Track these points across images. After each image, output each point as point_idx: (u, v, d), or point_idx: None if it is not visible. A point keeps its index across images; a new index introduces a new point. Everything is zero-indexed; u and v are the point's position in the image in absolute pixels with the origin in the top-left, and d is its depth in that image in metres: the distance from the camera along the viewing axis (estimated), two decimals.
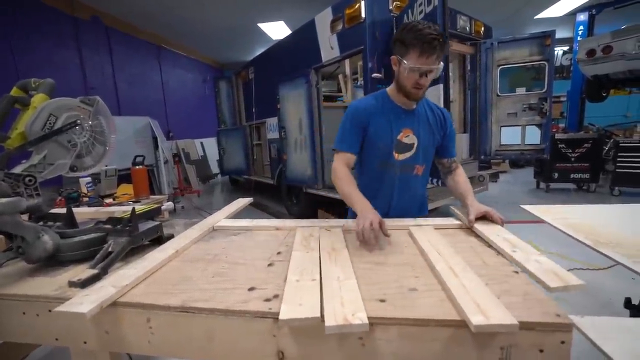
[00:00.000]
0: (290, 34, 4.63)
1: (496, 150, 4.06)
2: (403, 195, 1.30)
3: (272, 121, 4.84)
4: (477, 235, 1.02)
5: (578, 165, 5.24)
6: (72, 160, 0.96)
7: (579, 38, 6.91)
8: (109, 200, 1.81)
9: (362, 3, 2.87)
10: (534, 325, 0.56)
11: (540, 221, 1.33)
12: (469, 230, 1.07)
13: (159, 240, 1.06)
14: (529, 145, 3.92)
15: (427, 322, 0.59)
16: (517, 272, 0.75)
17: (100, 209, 1.46)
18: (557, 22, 7.77)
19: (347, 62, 4.28)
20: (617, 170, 4.90)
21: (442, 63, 1.12)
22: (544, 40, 3.72)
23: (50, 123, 0.91)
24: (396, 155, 1.24)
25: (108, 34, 5.96)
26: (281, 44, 4.73)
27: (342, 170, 1.20)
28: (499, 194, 5.55)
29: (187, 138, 8.10)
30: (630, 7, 6.58)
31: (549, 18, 7.61)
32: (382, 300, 0.65)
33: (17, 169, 0.84)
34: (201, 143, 8.61)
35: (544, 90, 3.79)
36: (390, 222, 1.15)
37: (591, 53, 5.29)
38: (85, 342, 0.76)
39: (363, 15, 2.88)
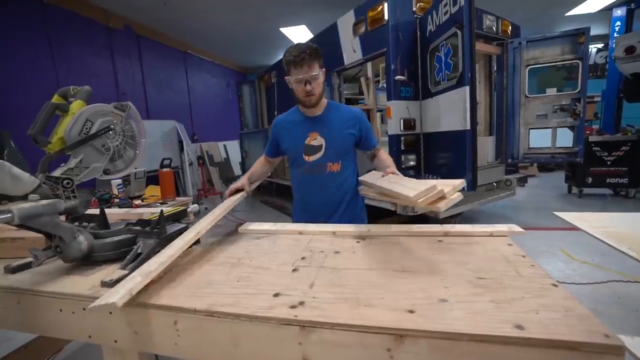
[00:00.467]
0: (312, 37, 4.65)
1: (525, 153, 3.89)
2: (319, 196, 1.48)
3: None
4: (509, 244, 0.97)
5: (615, 169, 4.93)
6: (106, 163, 1.00)
7: (615, 34, 6.51)
8: (137, 202, 1.88)
9: (385, 5, 2.84)
10: (578, 346, 0.52)
11: (572, 228, 1.26)
12: (501, 238, 1.02)
13: None
14: (560, 148, 3.73)
15: (459, 336, 0.56)
16: (555, 285, 0.70)
17: (130, 210, 1.52)
18: (590, 18, 7.38)
19: (369, 64, 4.25)
20: None
21: (321, 69, 1.34)
22: (578, 38, 3.54)
23: (86, 128, 0.95)
24: (306, 157, 1.45)
25: (139, 42, 6.25)
26: None
27: (257, 161, 1.64)
28: (527, 198, 5.32)
29: (211, 141, 8.32)
30: None
31: (582, 15, 7.24)
32: (411, 311, 0.63)
33: (56, 172, 0.89)
34: (224, 145, 8.82)
35: (577, 91, 3.60)
36: (416, 229, 1.12)
37: (630, 50, 4.97)
38: (115, 341, 0.78)
39: (386, 17, 2.85)
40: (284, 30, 7.37)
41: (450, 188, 0.88)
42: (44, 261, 0.96)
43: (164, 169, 2.07)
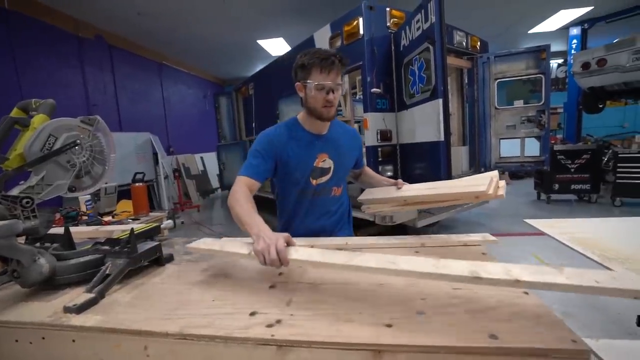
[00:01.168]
0: (290, 50, 4.71)
1: (496, 162, 4.07)
2: (321, 217, 1.32)
3: None
4: (483, 253, 1.00)
5: (578, 176, 5.24)
6: (71, 180, 0.95)
7: (573, 51, 7.06)
8: (108, 218, 1.79)
9: (360, 20, 2.93)
10: (548, 352, 0.53)
11: (543, 233, 1.32)
12: (476, 247, 1.05)
13: (158, 260, 1.04)
14: (529, 157, 3.93)
15: (436, 349, 0.56)
16: (527, 293, 0.73)
17: (100, 228, 1.44)
18: (551, 36, 7.94)
19: (346, 77, 4.34)
20: (618, 180, 4.90)
21: (344, 79, 1.16)
22: (540, 54, 3.79)
23: (49, 144, 0.90)
24: (313, 181, 1.26)
25: (111, 52, 6.08)
26: (281, 60, 4.81)
27: (241, 192, 1.08)
28: (500, 205, 5.53)
29: (187, 153, 8.13)
30: (621, 21, 6.77)
31: (543, 32, 7.78)
32: (389, 325, 0.63)
33: (15, 191, 0.83)
34: (201, 158, 8.64)
35: (541, 103, 3.83)
36: (393, 240, 1.13)
37: (586, 66, 5.39)
38: None
39: (361, 32, 2.94)
40: (261, 42, 7.41)
41: (496, 177, 1.01)
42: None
43: (137, 184, 1.99)
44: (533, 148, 3.93)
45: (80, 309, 0.75)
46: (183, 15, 5.61)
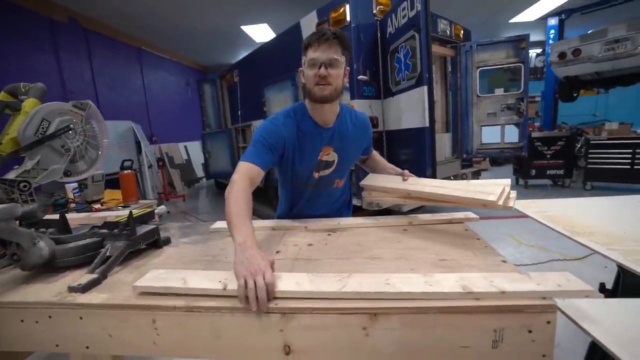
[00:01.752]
0: (276, 37, 4.64)
1: (478, 149, 4.21)
2: (322, 207, 1.33)
3: (259, 124, 4.83)
4: (466, 229, 1.08)
5: (553, 162, 5.49)
6: (66, 165, 0.95)
7: (550, 41, 7.26)
8: (97, 206, 1.78)
9: (347, 7, 2.93)
10: (522, 308, 0.60)
11: (519, 216, 1.42)
12: (459, 224, 1.13)
13: (155, 243, 1.06)
14: (508, 144, 4.08)
15: (426, 309, 0.63)
16: (505, 262, 0.80)
17: (92, 215, 1.44)
18: (530, 26, 8.12)
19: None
20: (589, 166, 5.17)
21: (343, 56, 1.07)
22: (519, 43, 3.90)
23: (43, 128, 0.90)
24: (316, 173, 1.23)
25: (87, 36, 5.79)
26: (267, 47, 4.74)
27: (241, 186, 0.97)
28: None
29: (170, 142, 7.95)
30: (597, 13, 7.00)
31: (523, 22, 7.94)
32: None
33: (11, 175, 0.83)
34: (185, 147, 8.47)
35: (520, 91, 3.97)
36: (383, 220, 1.19)
37: (562, 56, 5.59)
38: (87, 347, 0.76)
39: (348, 18, 2.94)
40: (245, 28, 7.24)
41: (507, 187, 1.04)
42: None
43: (125, 171, 1.96)
44: (512, 135, 4.09)
45: (85, 288, 0.78)
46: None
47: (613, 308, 0.65)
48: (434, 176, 2.55)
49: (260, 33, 7.53)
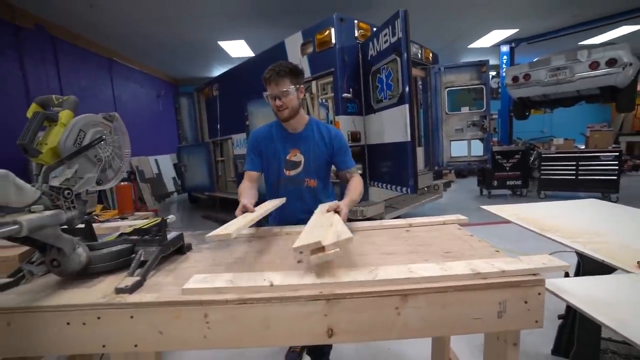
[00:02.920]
0: (260, 53, 4.78)
1: (448, 161, 4.56)
2: (296, 205, 1.52)
3: (239, 137, 4.87)
4: (459, 228, 1.25)
5: (512, 173, 6.05)
6: (98, 174, 1.00)
7: (503, 66, 8.11)
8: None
9: (332, 30, 3.15)
10: (519, 283, 0.76)
11: (487, 223, 1.64)
12: (452, 225, 1.30)
13: (180, 249, 1.12)
14: (474, 157, 4.48)
15: (445, 289, 0.76)
16: (498, 251, 0.97)
17: (101, 225, 1.44)
18: (487, 51, 8.98)
19: (314, 82, 4.55)
20: (542, 177, 5.78)
21: (292, 86, 1.39)
22: (481, 67, 4.37)
23: (80, 139, 0.94)
24: (286, 172, 1.51)
25: (54, 44, 5.54)
26: (250, 63, 4.87)
27: (243, 185, 1.48)
28: (449, 201, 6.14)
29: (140, 155, 7.66)
30: (541, 42, 7.97)
31: (480, 48, 8.78)
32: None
33: (54, 182, 0.87)
34: (155, 160, 8.19)
35: (483, 110, 4.41)
36: (385, 223, 1.33)
37: (515, 79, 6.27)
38: (136, 345, 0.80)
39: (333, 40, 3.16)
40: (222, 43, 7.30)
41: (334, 243, 0.83)
42: (31, 279, 0.91)
43: (122, 182, 1.94)
44: (478, 149, 4.49)
45: (132, 289, 0.82)
46: (140, 11, 5.34)
47: (583, 284, 0.84)
48: (416, 186, 2.77)
49: (237, 49, 7.62)
